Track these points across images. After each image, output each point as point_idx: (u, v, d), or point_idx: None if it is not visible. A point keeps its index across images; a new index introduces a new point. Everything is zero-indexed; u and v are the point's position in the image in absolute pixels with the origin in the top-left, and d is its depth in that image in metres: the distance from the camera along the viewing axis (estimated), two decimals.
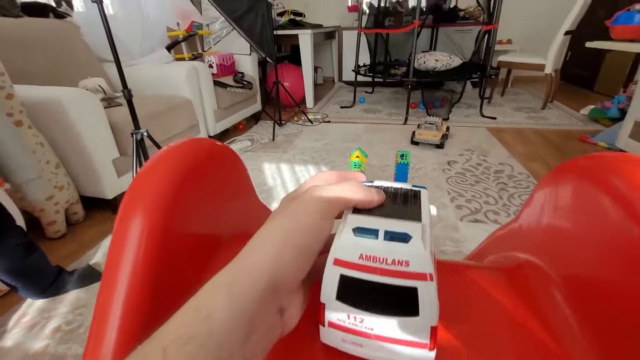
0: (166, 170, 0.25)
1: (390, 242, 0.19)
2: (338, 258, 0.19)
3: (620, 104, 2.29)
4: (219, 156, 0.31)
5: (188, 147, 0.28)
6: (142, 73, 1.84)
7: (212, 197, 0.30)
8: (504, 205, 1.35)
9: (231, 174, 0.33)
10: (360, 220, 0.21)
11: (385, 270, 0.19)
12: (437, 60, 2.66)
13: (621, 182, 0.22)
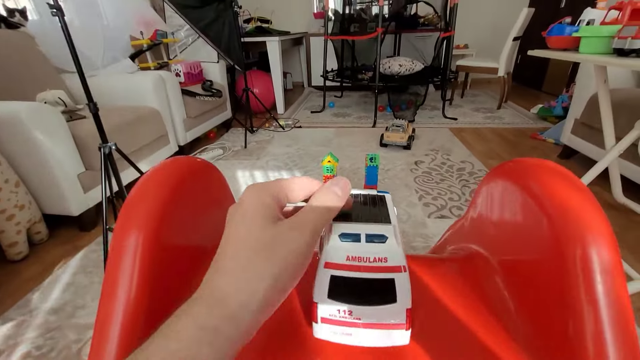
0: (155, 189, 0.28)
1: (371, 243, 0.24)
2: (329, 261, 0.24)
3: (564, 103, 2.53)
4: (200, 172, 0.34)
5: (173, 165, 0.30)
6: (105, 84, 1.78)
7: (197, 211, 0.33)
8: (466, 200, 1.45)
9: (213, 187, 0.36)
10: (343, 227, 0.25)
11: (368, 267, 0.23)
12: (400, 65, 2.79)
13: (534, 183, 0.28)
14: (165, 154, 1.89)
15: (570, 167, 1.79)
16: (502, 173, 0.31)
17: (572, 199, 0.24)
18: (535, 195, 0.27)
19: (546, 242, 0.25)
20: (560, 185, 0.26)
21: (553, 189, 0.26)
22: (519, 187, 0.28)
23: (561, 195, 0.25)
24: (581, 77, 1.76)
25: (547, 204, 0.25)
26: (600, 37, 0.92)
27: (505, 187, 0.30)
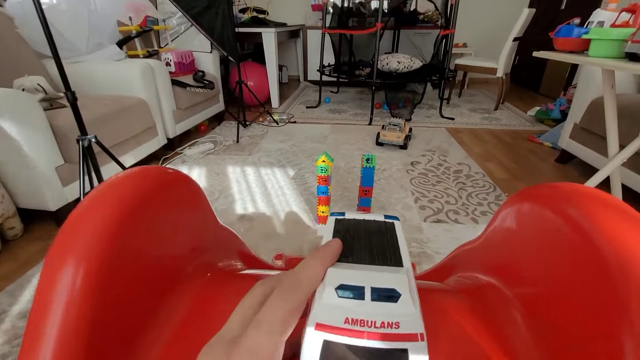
0: (105, 208, 0.22)
1: (378, 302, 0.18)
2: (321, 322, 0.18)
3: (562, 106, 2.51)
4: (170, 185, 0.28)
5: (132, 179, 0.25)
6: (89, 71, 1.69)
7: (163, 232, 0.27)
8: (463, 204, 1.42)
9: (185, 202, 0.31)
10: (341, 275, 0.19)
11: (373, 334, 0.17)
12: (399, 62, 2.74)
13: (576, 211, 0.23)
14: (154, 147, 1.81)
15: (568, 172, 1.77)
16: (535, 197, 0.26)
17: (635, 235, 0.19)
18: (577, 224, 0.22)
19: (590, 274, 0.20)
20: (617, 219, 0.21)
21: (610, 224, 0.21)
22: (556, 215, 0.24)
23: (621, 232, 0.21)
24: (581, 81, 1.73)
25: (602, 241, 0.20)
26: (611, 40, 0.88)
27: (538, 214, 0.25)
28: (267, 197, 1.48)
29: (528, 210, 0.27)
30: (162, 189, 0.28)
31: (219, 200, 1.45)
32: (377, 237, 0.23)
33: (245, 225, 1.27)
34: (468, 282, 0.34)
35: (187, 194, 0.31)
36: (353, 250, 0.22)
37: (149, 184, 0.26)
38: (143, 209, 0.24)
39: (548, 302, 0.24)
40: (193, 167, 1.79)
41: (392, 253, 0.22)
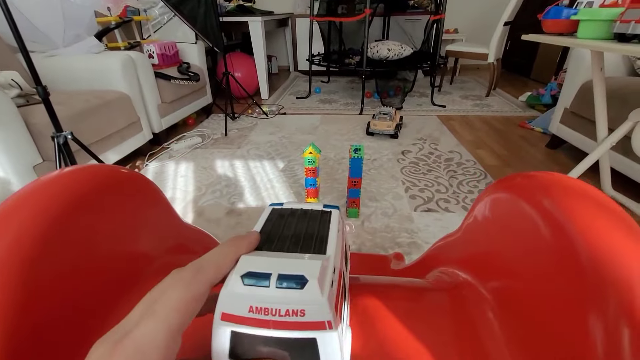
0: (27, 218, 0.19)
1: (283, 289, 0.17)
2: (226, 312, 0.17)
3: (553, 91, 2.49)
4: (119, 184, 0.25)
5: (63, 179, 0.22)
6: (67, 65, 1.63)
7: (110, 233, 0.25)
8: (453, 192, 1.41)
9: (140, 202, 0.28)
10: (251, 262, 0.18)
11: (279, 323, 0.16)
12: (389, 50, 2.69)
13: (551, 202, 0.21)
14: (138, 142, 1.76)
15: (558, 157, 1.77)
16: (510, 188, 0.24)
17: (612, 231, 0.17)
18: (551, 216, 0.20)
19: (573, 282, 0.19)
20: (593, 211, 0.19)
21: (586, 216, 0.19)
22: (531, 206, 0.22)
23: (598, 225, 0.19)
24: (571, 65, 1.71)
25: (576, 234, 0.19)
26: (599, 21, 0.85)
27: (513, 205, 0.23)
28: (256, 190, 1.45)
29: (503, 201, 0.25)
30: (109, 189, 0.25)
31: (206, 196, 1.42)
32: (308, 226, 0.22)
33: (233, 220, 1.25)
34: (447, 278, 0.33)
35: (142, 193, 0.29)
36: (277, 238, 0.21)
37: (88, 183, 0.23)
38: (79, 212, 0.22)
39: (521, 299, 0.23)
40: (180, 162, 1.75)
41: (318, 241, 0.20)
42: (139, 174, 0.29)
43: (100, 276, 0.23)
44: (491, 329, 0.25)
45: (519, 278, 0.24)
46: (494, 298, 0.26)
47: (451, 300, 0.29)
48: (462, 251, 0.31)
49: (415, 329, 0.26)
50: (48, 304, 0.20)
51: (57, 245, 0.20)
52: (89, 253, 0.23)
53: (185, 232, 0.36)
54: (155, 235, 0.30)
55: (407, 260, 1.00)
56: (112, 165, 0.26)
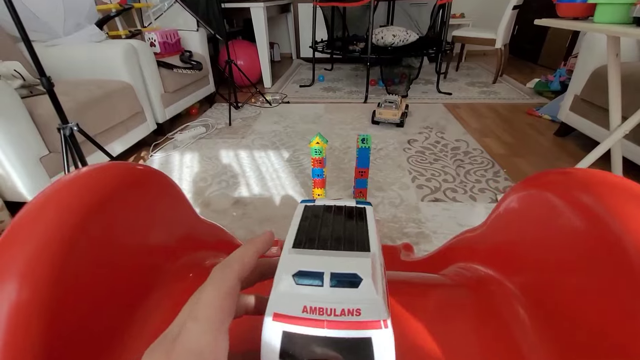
0: (51, 219, 0.19)
1: (338, 288, 0.17)
2: (278, 312, 0.17)
3: (562, 77, 2.44)
4: (138, 182, 0.25)
5: (87, 178, 0.21)
6: (69, 54, 1.61)
7: (132, 232, 0.24)
8: (461, 182, 1.40)
9: (158, 200, 0.27)
10: (300, 260, 0.18)
11: (333, 323, 0.16)
12: (394, 36, 2.63)
13: (591, 199, 0.21)
14: (143, 133, 1.75)
15: (567, 145, 1.74)
16: (544, 185, 0.23)
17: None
18: (590, 212, 0.20)
19: (622, 279, 0.18)
20: (637, 205, 0.18)
21: (630, 211, 0.18)
22: (567, 203, 0.21)
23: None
24: (583, 50, 1.67)
25: (621, 230, 0.18)
26: (618, 4, 0.82)
27: (548, 201, 0.22)
28: (262, 180, 1.45)
29: (536, 198, 0.24)
30: (128, 187, 0.25)
31: (212, 186, 1.42)
32: (346, 223, 0.22)
33: (240, 211, 1.25)
34: (468, 273, 0.32)
35: (160, 190, 0.28)
36: (319, 236, 0.21)
37: (109, 182, 0.23)
38: (100, 212, 0.21)
39: (559, 295, 0.22)
40: (185, 153, 1.74)
41: (360, 238, 0.20)
42: (155, 169, 0.29)
43: (124, 274, 0.23)
44: (523, 325, 0.25)
45: (554, 274, 0.23)
46: (523, 294, 0.26)
47: (477, 297, 0.29)
48: (488, 247, 0.30)
49: (445, 327, 0.26)
50: (77, 304, 0.20)
51: (83, 245, 0.20)
52: (113, 252, 0.22)
53: (201, 227, 0.35)
54: (175, 232, 0.29)
55: (416, 250, 1.00)
56: (128, 163, 0.25)
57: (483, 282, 0.30)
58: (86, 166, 0.23)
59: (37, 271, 0.17)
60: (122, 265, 0.23)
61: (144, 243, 0.25)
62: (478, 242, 0.32)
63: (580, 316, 0.21)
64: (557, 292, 0.23)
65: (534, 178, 0.25)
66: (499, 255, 0.29)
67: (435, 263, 0.45)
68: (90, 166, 0.22)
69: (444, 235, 1.09)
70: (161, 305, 0.25)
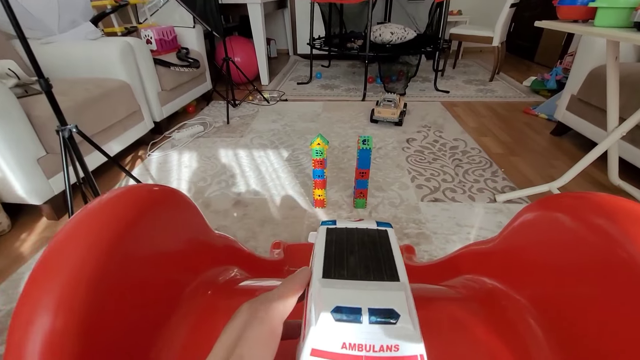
0: (84, 242, 0.19)
1: (377, 325, 0.17)
2: (317, 349, 0.17)
3: (558, 76, 2.46)
4: (159, 205, 0.25)
5: (117, 202, 0.21)
6: (64, 52, 1.58)
7: (156, 255, 0.25)
8: (459, 182, 1.41)
9: (177, 220, 0.28)
10: (336, 295, 0.18)
11: (372, 359, 0.17)
12: (392, 33, 2.62)
13: (604, 221, 0.21)
14: (140, 132, 1.74)
15: (563, 145, 1.76)
16: (560, 207, 0.24)
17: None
18: (604, 233, 0.20)
19: (620, 281, 0.19)
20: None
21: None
22: (582, 224, 0.22)
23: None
24: (580, 50, 1.68)
25: (635, 251, 0.19)
26: (619, 9, 0.83)
27: (563, 222, 0.23)
28: (262, 181, 1.45)
29: (552, 218, 0.25)
30: (149, 209, 0.25)
31: (211, 187, 1.41)
32: (371, 249, 0.22)
33: (240, 211, 1.25)
34: (476, 286, 0.33)
35: (178, 208, 0.28)
36: (347, 263, 0.21)
37: (132, 206, 0.23)
38: (129, 237, 0.21)
39: (570, 310, 0.23)
40: (183, 152, 1.73)
41: (387, 266, 0.21)
42: (172, 188, 0.29)
43: (150, 295, 0.23)
44: (536, 339, 0.25)
45: (568, 290, 0.24)
46: (535, 308, 0.26)
47: (488, 310, 0.29)
48: (500, 261, 0.31)
49: (459, 342, 0.26)
50: (108, 328, 0.20)
51: (112, 270, 0.20)
52: (139, 274, 0.22)
53: (217, 243, 0.35)
54: (194, 249, 0.30)
55: (417, 251, 1.01)
56: (147, 185, 0.25)
57: (493, 295, 0.30)
58: (108, 192, 0.23)
59: (70, 299, 0.18)
60: (148, 286, 0.23)
61: (167, 263, 0.25)
62: (489, 255, 0.33)
63: (593, 332, 0.21)
64: (570, 307, 0.24)
65: (550, 199, 0.25)
66: (511, 269, 0.30)
67: (441, 272, 0.45)
68: (112, 191, 0.22)
69: (444, 236, 1.10)
70: (185, 322, 0.25)
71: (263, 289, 0.31)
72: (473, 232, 1.12)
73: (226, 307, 0.30)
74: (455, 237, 1.10)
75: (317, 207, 1.26)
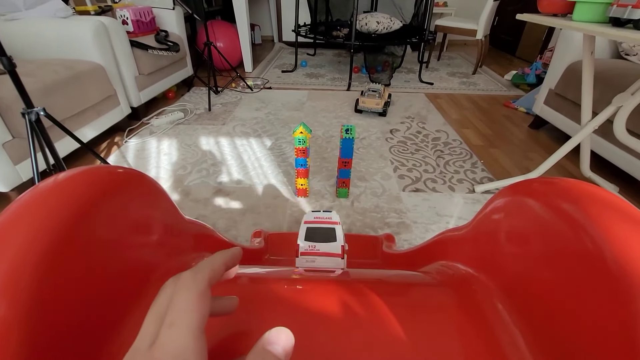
0: (36, 220, 0.18)
1: None
2: (308, 220, 0.51)
3: (537, 70, 2.52)
4: (121, 187, 0.23)
5: (69, 183, 0.20)
6: (31, 30, 1.48)
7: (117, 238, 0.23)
8: (440, 172, 1.43)
9: (142, 203, 0.26)
10: None
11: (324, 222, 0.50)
12: (378, 23, 2.60)
13: (573, 208, 0.22)
14: (116, 117, 1.67)
15: (540, 138, 1.82)
16: (529, 192, 0.24)
17: (635, 236, 0.18)
18: (571, 219, 0.21)
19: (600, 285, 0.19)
20: (617, 217, 0.20)
21: (610, 222, 0.19)
22: (551, 210, 0.22)
23: (622, 231, 0.19)
24: (559, 45, 1.72)
25: (601, 239, 0.19)
26: (596, 3, 0.85)
27: (532, 208, 0.23)
28: (244, 169, 1.43)
29: (521, 204, 0.25)
30: (110, 192, 0.23)
31: (192, 175, 1.38)
32: None
33: (221, 201, 1.23)
34: (450, 272, 0.33)
35: (143, 193, 0.27)
36: None
37: (90, 187, 0.21)
38: (88, 218, 0.20)
39: (537, 295, 0.24)
40: (162, 139, 1.68)
41: None
42: (137, 171, 0.27)
43: (111, 283, 0.22)
44: (503, 322, 0.26)
45: (535, 275, 0.24)
46: (504, 292, 0.27)
47: (459, 295, 0.30)
48: (472, 247, 0.31)
49: (429, 326, 0.26)
50: (61, 316, 0.19)
51: (65, 255, 0.19)
52: (98, 260, 0.21)
53: (186, 227, 0.34)
54: (161, 235, 0.28)
55: (397, 240, 1.03)
56: (109, 166, 0.24)
57: (465, 280, 0.31)
58: (64, 171, 0.21)
59: (15, 285, 0.16)
60: (108, 273, 0.22)
61: (130, 249, 0.24)
62: (463, 242, 0.33)
63: (559, 315, 0.22)
64: (535, 291, 0.24)
65: (519, 185, 0.25)
66: (483, 255, 0.30)
67: (417, 259, 0.46)
68: (70, 171, 0.21)
69: (424, 225, 1.12)
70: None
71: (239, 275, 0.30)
72: (452, 221, 1.15)
73: None
74: (435, 226, 1.12)
75: (300, 196, 1.25)
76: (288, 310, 0.26)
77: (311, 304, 0.26)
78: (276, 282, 0.29)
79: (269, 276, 0.31)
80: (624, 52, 1.62)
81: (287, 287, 0.28)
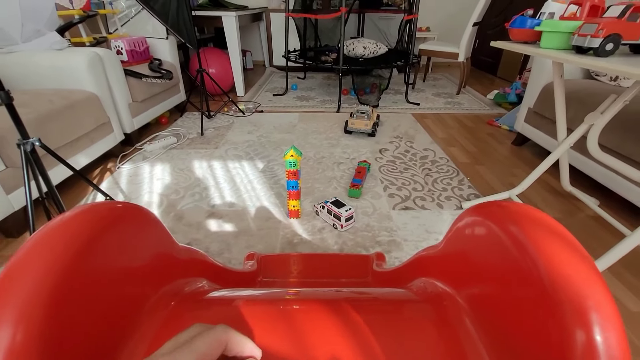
0: (48, 255, 0.20)
1: None
2: None
3: (517, 90, 2.64)
4: (120, 221, 0.26)
5: (77, 221, 0.22)
6: (27, 62, 1.52)
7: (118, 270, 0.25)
8: (429, 190, 1.47)
9: (139, 235, 0.29)
10: None
11: None
12: (365, 48, 2.73)
13: (518, 230, 0.25)
14: (110, 144, 1.69)
15: (523, 154, 1.89)
16: (484, 214, 0.27)
17: (573, 267, 0.21)
18: (515, 239, 0.24)
19: (540, 311, 0.22)
20: (551, 238, 0.23)
21: (545, 242, 0.22)
22: (500, 230, 0.25)
23: (555, 249, 0.22)
24: (534, 68, 1.82)
25: (539, 257, 0.22)
26: (560, 33, 0.92)
27: (486, 228, 0.27)
28: (237, 192, 1.45)
29: (480, 224, 0.28)
30: (111, 226, 0.26)
31: (185, 199, 1.39)
32: None
33: (214, 224, 1.24)
34: (428, 289, 0.36)
35: (140, 226, 0.29)
36: None
37: (93, 224, 0.24)
38: (91, 254, 0.22)
39: (492, 307, 0.27)
40: (155, 164, 1.70)
41: None
42: (134, 204, 0.30)
43: (114, 309, 0.24)
44: (470, 337, 0.28)
45: (490, 290, 0.27)
46: (471, 307, 0.30)
47: (435, 312, 0.32)
48: (443, 264, 0.34)
49: (409, 342, 0.29)
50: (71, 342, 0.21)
51: (74, 286, 0.21)
52: (102, 289, 0.23)
53: (179, 254, 0.36)
54: (156, 262, 0.31)
55: (388, 258, 1.05)
56: (108, 202, 0.26)
57: (439, 297, 0.33)
58: (70, 210, 0.23)
59: (30, 315, 0.18)
60: (111, 300, 0.24)
61: (129, 277, 0.26)
62: (436, 258, 0.36)
63: (513, 326, 0.25)
64: (494, 307, 0.27)
65: (480, 207, 0.29)
66: (452, 272, 0.33)
67: (402, 276, 0.48)
68: (75, 209, 0.23)
69: (414, 242, 1.14)
70: (148, 334, 0.26)
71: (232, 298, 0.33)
72: (441, 238, 1.17)
73: (191, 316, 0.31)
74: (425, 243, 1.14)
75: (292, 217, 1.27)
76: (277, 330, 0.28)
77: (299, 323, 0.29)
78: (267, 303, 0.31)
79: (261, 298, 0.33)
80: (594, 73, 1.73)
81: (280, 307, 0.30)
